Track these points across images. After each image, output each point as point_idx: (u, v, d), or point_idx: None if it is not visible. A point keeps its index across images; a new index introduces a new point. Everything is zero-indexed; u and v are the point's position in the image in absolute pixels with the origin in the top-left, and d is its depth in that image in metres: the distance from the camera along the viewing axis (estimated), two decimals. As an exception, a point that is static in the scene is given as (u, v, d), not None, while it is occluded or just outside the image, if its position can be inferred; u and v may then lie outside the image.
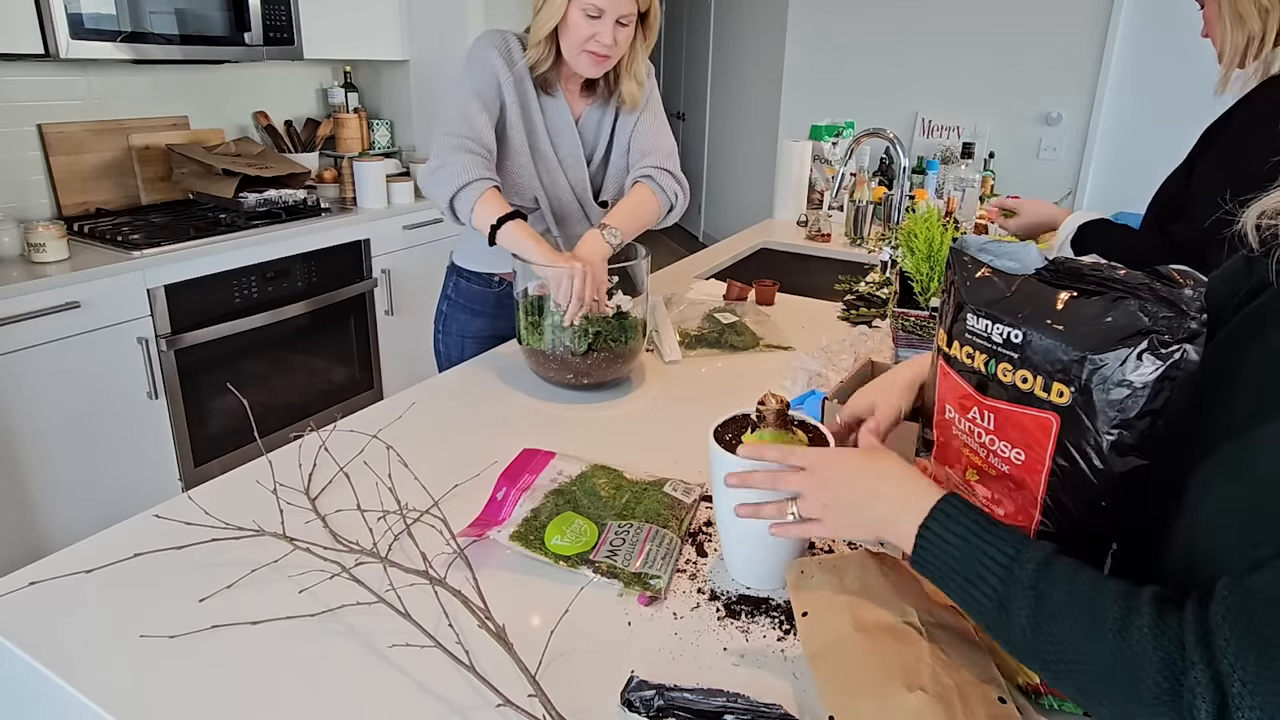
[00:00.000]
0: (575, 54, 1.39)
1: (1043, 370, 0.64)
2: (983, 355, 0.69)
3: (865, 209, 2.50)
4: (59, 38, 2.11)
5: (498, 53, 1.42)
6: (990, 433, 0.69)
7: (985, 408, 0.69)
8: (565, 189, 1.54)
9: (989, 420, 0.69)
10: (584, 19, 1.34)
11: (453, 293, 1.68)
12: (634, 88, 1.49)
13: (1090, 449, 0.62)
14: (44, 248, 2.10)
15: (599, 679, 0.73)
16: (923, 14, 4.02)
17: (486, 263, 1.61)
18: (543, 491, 0.99)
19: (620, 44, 1.38)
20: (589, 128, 1.54)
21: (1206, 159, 1.25)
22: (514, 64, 1.43)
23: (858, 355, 1.51)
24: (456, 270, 1.67)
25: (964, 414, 0.72)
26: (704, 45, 5.80)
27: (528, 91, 1.46)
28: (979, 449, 0.72)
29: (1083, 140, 3.67)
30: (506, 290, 1.63)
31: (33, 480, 2.07)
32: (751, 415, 0.87)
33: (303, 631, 0.78)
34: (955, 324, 0.72)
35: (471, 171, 1.33)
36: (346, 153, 3.07)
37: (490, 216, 1.31)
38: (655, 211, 1.48)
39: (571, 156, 1.53)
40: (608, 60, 1.40)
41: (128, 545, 0.90)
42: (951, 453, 0.76)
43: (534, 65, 1.43)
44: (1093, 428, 0.62)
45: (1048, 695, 0.70)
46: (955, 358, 0.72)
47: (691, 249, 5.13)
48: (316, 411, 2.79)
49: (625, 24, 1.37)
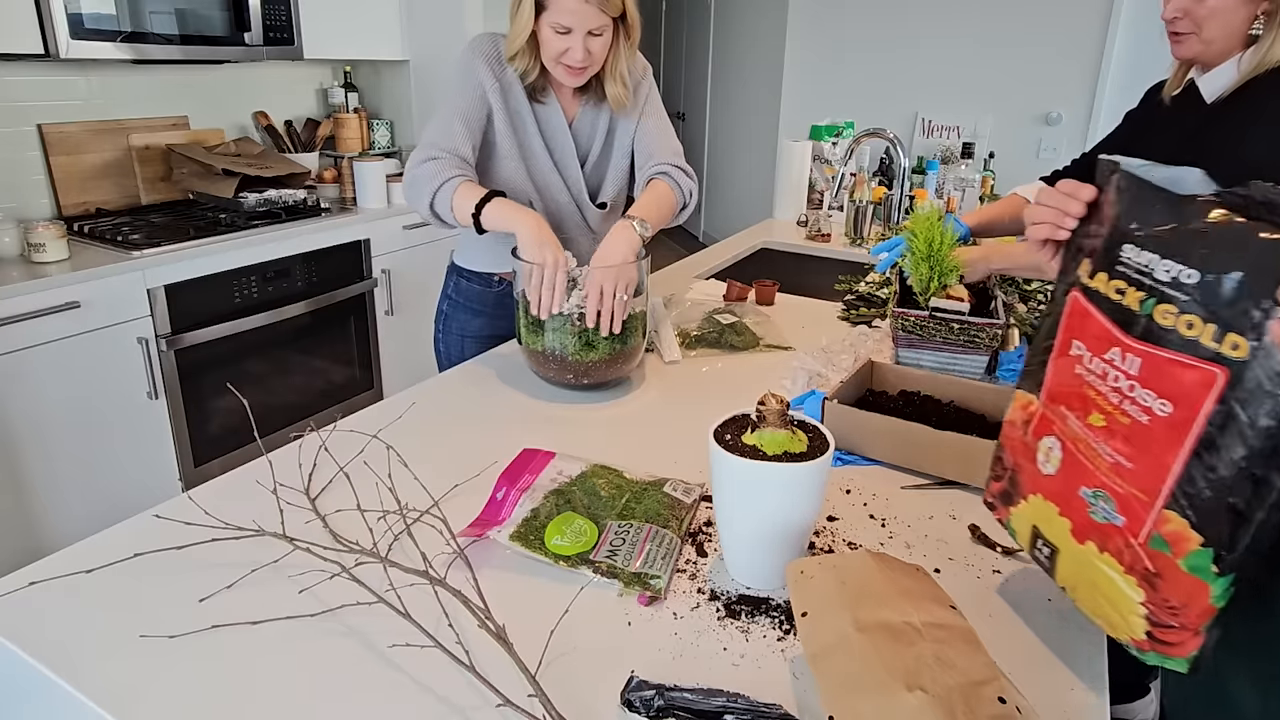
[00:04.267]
0: (551, 65, 1.39)
1: (1218, 317, 0.55)
2: (1139, 293, 0.61)
3: (865, 209, 2.50)
4: (59, 38, 2.11)
5: (484, 61, 1.41)
6: (1132, 378, 0.62)
7: (1131, 350, 0.61)
8: (561, 190, 1.54)
9: (1132, 364, 0.61)
10: (554, 35, 1.33)
11: (453, 292, 1.67)
12: (618, 90, 1.47)
13: (1262, 414, 0.53)
14: (44, 248, 2.10)
15: (599, 679, 0.73)
16: (923, 14, 4.02)
17: (487, 263, 1.61)
18: (543, 491, 0.99)
19: (596, 54, 1.37)
20: (584, 129, 1.53)
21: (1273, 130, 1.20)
22: (503, 70, 1.43)
23: (858, 355, 1.51)
24: (457, 270, 1.67)
25: (1099, 353, 0.65)
26: (704, 45, 5.80)
27: (518, 96, 1.45)
28: (1111, 393, 0.64)
29: (1083, 140, 3.67)
30: (506, 290, 1.63)
31: (33, 480, 2.07)
32: (751, 415, 0.87)
33: (303, 631, 0.78)
34: (1108, 254, 0.64)
35: (443, 172, 1.34)
36: (346, 153, 3.07)
37: (469, 204, 1.31)
38: (674, 206, 1.48)
39: (566, 158, 1.52)
40: (585, 72, 1.39)
41: (128, 545, 0.90)
42: (1070, 393, 0.69)
43: (522, 75, 1.43)
44: (1272, 390, 0.53)
45: (1151, 650, 0.66)
46: (1099, 292, 0.64)
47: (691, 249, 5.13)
48: (316, 411, 2.79)
49: (599, 34, 1.34)
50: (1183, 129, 1.28)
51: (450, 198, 1.32)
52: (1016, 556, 0.94)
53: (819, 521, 0.99)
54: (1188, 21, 1.19)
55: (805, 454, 0.84)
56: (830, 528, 0.99)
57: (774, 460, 0.82)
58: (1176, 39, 1.22)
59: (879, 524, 1.00)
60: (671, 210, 1.48)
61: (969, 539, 0.97)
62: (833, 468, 1.08)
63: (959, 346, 1.37)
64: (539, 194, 1.52)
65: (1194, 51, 1.21)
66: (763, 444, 0.84)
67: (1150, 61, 3.46)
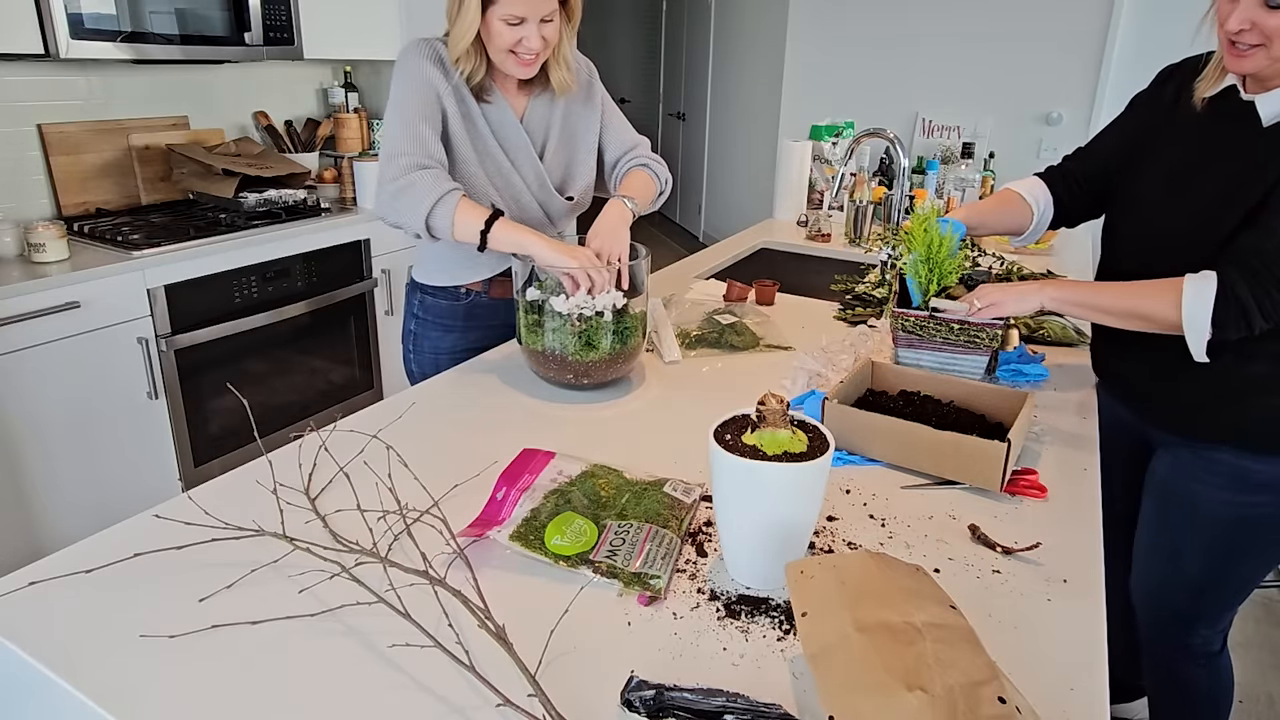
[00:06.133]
0: (502, 58, 1.37)
1: None
2: None
3: (865, 209, 2.50)
4: (59, 38, 2.11)
5: (431, 64, 1.39)
6: None
7: None
8: (522, 189, 1.51)
9: None
10: (505, 27, 1.32)
11: (419, 311, 1.62)
12: (563, 74, 1.46)
13: None
14: (44, 248, 2.10)
15: (599, 679, 0.73)
16: (923, 14, 4.02)
17: (449, 275, 1.57)
18: (543, 491, 0.99)
19: (550, 40, 1.36)
20: (535, 122, 1.51)
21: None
22: (450, 74, 1.40)
23: (858, 355, 1.51)
24: (419, 288, 1.61)
25: None
26: (704, 45, 5.80)
27: (466, 99, 1.43)
28: None
29: (1083, 140, 3.66)
30: (475, 301, 1.59)
31: (33, 480, 2.07)
32: (751, 415, 0.87)
33: (303, 631, 0.78)
34: None
35: (439, 186, 1.30)
36: (346, 153, 3.07)
37: (476, 222, 1.29)
38: (654, 192, 1.56)
39: (522, 155, 1.50)
40: (537, 60, 1.38)
41: (128, 545, 0.90)
42: None
43: (468, 76, 1.40)
44: None
45: None
46: None
47: (691, 249, 5.13)
48: (316, 411, 2.79)
49: (550, 20, 1.34)
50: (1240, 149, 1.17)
51: (451, 214, 1.29)
52: (1016, 556, 0.94)
53: (819, 521, 0.99)
54: (1256, 33, 1.07)
55: (805, 454, 0.84)
56: (830, 528, 0.99)
57: (774, 460, 0.82)
58: (1239, 53, 1.11)
59: (879, 524, 1.00)
60: (652, 196, 1.55)
61: (969, 539, 0.97)
62: (833, 468, 1.08)
63: (959, 346, 1.37)
64: (499, 194, 1.49)
65: (1258, 66, 1.10)
66: (763, 444, 0.84)
67: (1150, 61, 3.45)
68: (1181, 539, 1.33)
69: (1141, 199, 1.30)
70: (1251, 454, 1.22)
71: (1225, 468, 1.24)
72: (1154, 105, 1.36)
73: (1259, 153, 1.14)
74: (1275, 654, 2.19)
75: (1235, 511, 1.26)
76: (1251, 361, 1.18)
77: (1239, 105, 1.18)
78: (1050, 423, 1.29)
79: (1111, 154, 1.42)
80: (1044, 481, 1.10)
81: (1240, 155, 1.16)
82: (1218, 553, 1.30)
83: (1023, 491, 1.08)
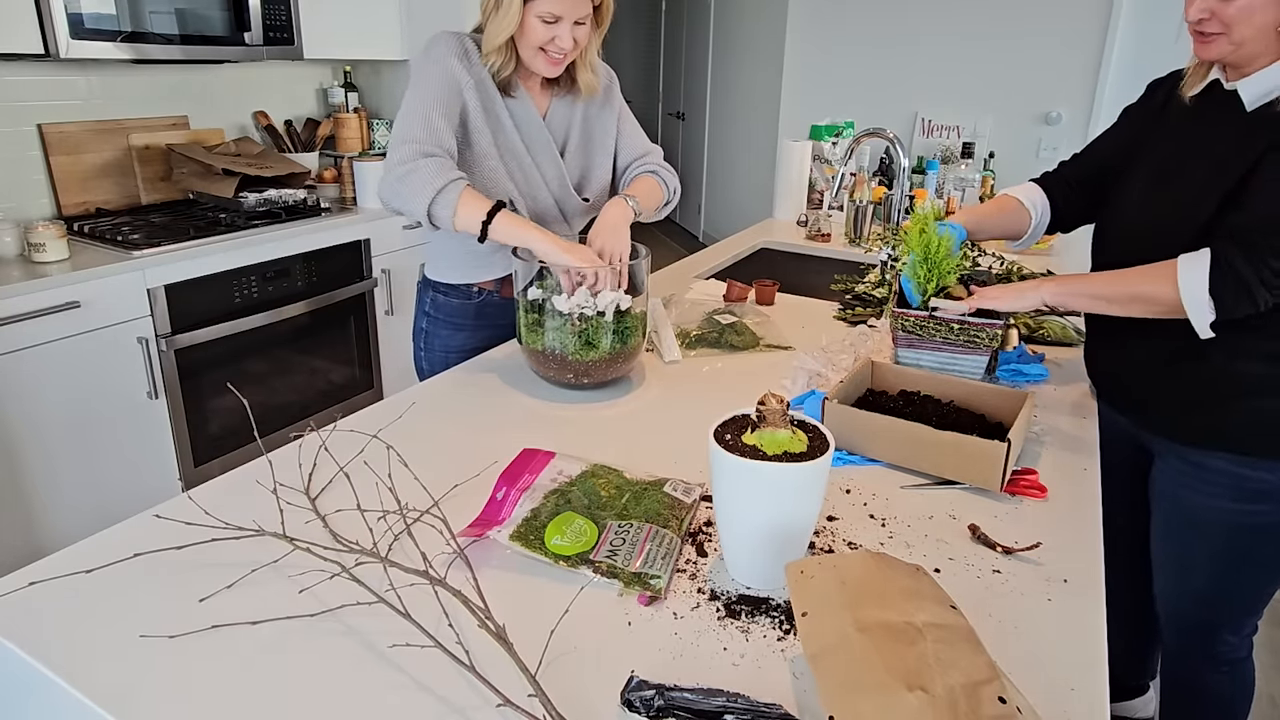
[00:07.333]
0: (531, 54, 1.38)
1: None
2: None
3: (865, 209, 2.50)
4: (59, 38, 2.11)
5: (456, 57, 1.39)
6: None
7: None
8: (540, 186, 1.52)
9: None
10: (541, 24, 1.33)
11: (431, 309, 1.62)
12: (590, 77, 1.48)
13: None
14: (44, 248, 2.10)
15: (599, 679, 0.73)
16: (923, 13, 4.02)
17: (461, 273, 1.57)
18: (543, 491, 0.99)
19: (579, 42, 1.38)
20: (557, 121, 1.53)
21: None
22: (473, 68, 1.41)
23: (858, 355, 1.51)
24: (431, 285, 1.61)
25: None
26: (704, 45, 5.80)
27: (490, 94, 1.44)
28: None
29: (1083, 140, 3.66)
30: (487, 300, 1.59)
31: (33, 480, 2.07)
32: (751, 415, 0.87)
33: (303, 631, 0.78)
34: None
35: (444, 174, 1.30)
36: (346, 152, 3.07)
37: (479, 213, 1.29)
38: (661, 199, 1.57)
39: (544, 152, 1.51)
40: (565, 60, 1.39)
41: (128, 545, 0.90)
42: None
43: (496, 71, 1.41)
44: None
45: None
46: None
47: (691, 249, 5.13)
48: (316, 411, 2.79)
49: (583, 22, 1.36)
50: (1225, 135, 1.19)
51: (454, 204, 1.29)
52: (1016, 556, 0.94)
53: (819, 521, 0.99)
54: (1215, 22, 1.13)
55: (805, 454, 0.84)
56: (830, 528, 0.99)
57: (774, 460, 0.82)
58: (1203, 40, 1.16)
59: (879, 524, 1.00)
60: (658, 203, 1.56)
61: (969, 539, 0.97)
62: (833, 468, 1.08)
63: (959, 346, 1.37)
64: (518, 190, 1.50)
65: (1222, 53, 1.15)
66: (763, 444, 0.84)
67: (1151, 60, 3.46)
68: (1188, 550, 1.32)
69: (1131, 196, 1.31)
70: (1245, 461, 1.21)
71: (1221, 476, 1.23)
72: (1144, 112, 1.38)
73: (1243, 135, 1.16)
74: (1276, 654, 2.19)
75: (1235, 520, 1.25)
76: (1241, 361, 1.18)
77: (1223, 95, 1.20)
78: (1050, 423, 1.29)
79: (1105, 158, 1.43)
80: (1044, 481, 1.10)
81: (1225, 140, 1.18)
82: (1225, 563, 1.29)
83: (1023, 491, 1.08)
